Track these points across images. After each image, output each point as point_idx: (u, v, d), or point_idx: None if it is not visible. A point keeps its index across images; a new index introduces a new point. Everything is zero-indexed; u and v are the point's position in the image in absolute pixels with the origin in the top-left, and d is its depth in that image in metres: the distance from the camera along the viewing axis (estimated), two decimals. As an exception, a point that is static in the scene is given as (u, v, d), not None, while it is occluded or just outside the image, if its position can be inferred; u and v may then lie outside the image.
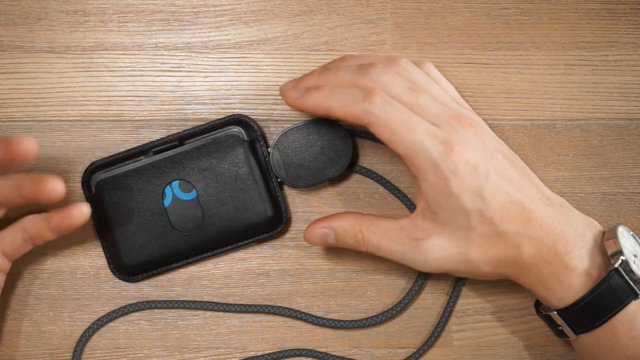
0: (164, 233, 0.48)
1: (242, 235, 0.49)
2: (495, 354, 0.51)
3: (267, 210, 0.49)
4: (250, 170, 0.48)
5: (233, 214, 0.48)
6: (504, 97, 0.52)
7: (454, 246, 0.44)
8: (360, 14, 0.52)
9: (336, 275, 0.51)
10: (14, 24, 0.50)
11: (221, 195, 0.48)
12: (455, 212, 0.43)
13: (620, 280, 0.43)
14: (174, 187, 0.48)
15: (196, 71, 0.51)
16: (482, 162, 0.43)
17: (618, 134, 0.52)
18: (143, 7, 0.51)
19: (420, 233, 0.45)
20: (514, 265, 0.44)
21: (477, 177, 0.43)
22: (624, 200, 0.52)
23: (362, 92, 0.43)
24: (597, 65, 0.52)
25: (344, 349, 0.51)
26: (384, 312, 0.50)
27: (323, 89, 0.44)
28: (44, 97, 0.50)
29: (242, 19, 0.51)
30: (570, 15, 0.52)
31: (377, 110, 0.43)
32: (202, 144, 0.49)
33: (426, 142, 0.42)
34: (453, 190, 0.43)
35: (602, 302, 0.43)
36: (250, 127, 0.49)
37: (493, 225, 0.43)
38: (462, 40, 0.52)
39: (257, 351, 0.50)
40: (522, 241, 0.44)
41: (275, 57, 0.51)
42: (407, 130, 0.43)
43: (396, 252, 0.45)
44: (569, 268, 0.43)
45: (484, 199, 0.43)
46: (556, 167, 0.52)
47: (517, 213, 0.43)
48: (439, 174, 0.43)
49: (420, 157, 0.43)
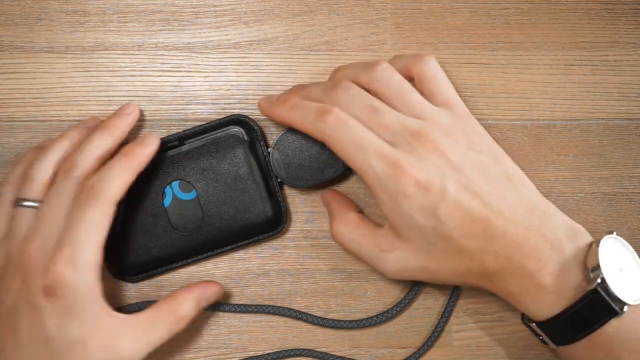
0: (164, 233, 0.48)
1: (242, 235, 0.49)
2: (495, 354, 0.51)
3: (267, 210, 0.49)
4: (250, 170, 0.48)
5: (233, 214, 0.48)
6: (504, 97, 0.52)
7: (415, 260, 0.44)
8: (360, 14, 0.52)
9: (336, 275, 0.51)
10: (14, 24, 0.50)
11: (221, 195, 0.48)
12: (411, 229, 0.44)
13: (598, 298, 0.41)
14: (174, 187, 0.48)
15: (196, 71, 0.51)
16: (437, 180, 0.43)
17: (618, 134, 0.52)
18: (143, 7, 0.51)
19: (386, 245, 0.45)
20: (481, 277, 0.44)
21: (429, 196, 0.42)
22: (624, 200, 0.52)
23: (317, 111, 0.44)
24: (597, 65, 0.52)
25: (344, 349, 0.51)
26: (384, 312, 0.50)
27: (288, 101, 0.46)
28: (44, 97, 0.50)
29: (242, 19, 0.51)
30: (570, 15, 0.52)
31: (329, 129, 0.44)
32: (202, 144, 0.49)
33: (374, 163, 0.43)
34: (404, 210, 0.43)
35: (578, 319, 0.42)
36: (250, 127, 0.49)
37: (452, 241, 0.43)
38: (462, 41, 0.52)
39: (257, 351, 0.50)
40: (485, 257, 0.43)
41: (275, 57, 0.51)
42: (357, 150, 0.43)
43: (364, 256, 0.46)
44: (540, 286, 0.42)
45: (439, 217, 0.42)
46: (556, 167, 0.52)
47: (479, 230, 0.43)
48: (389, 195, 0.43)
49: (369, 178, 0.43)
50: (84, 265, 0.41)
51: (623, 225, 0.52)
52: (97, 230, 0.42)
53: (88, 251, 0.41)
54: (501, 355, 0.51)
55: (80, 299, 0.41)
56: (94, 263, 0.42)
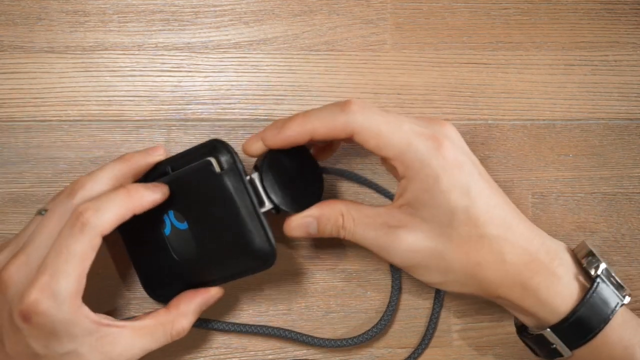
0: (170, 262, 0.46)
1: (235, 269, 0.45)
2: (495, 354, 0.51)
3: (256, 242, 0.43)
4: (230, 200, 0.43)
5: (222, 247, 0.44)
6: (504, 97, 0.52)
7: (429, 240, 0.43)
8: (360, 14, 0.52)
9: (336, 275, 0.51)
10: (14, 24, 0.50)
11: (209, 226, 0.44)
12: (439, 210, 0.42)
13: (606, 287, 0.42)
14: (171, 216, 0.45)
15: (196, 71, 0.51)
16: (467, 160, 0.43)
17: (618, 134, 0.52)
18: (143, 7, 0.51)
19: (396, 222, 0.43)
20: (496, 275, 0.43)
21: (464, 174, 0.42)
22: (624, 200, 0.52)
23: (337, 105, 0.42)
24: (597, 65, 0.52)
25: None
26: (372, 329, 0.49)
27: (297, 116, 0.43)
28: (44, 97, 0.50)
29: (242, 19, 0.51)
30: (570, 15, 0.52)
31: (359, 116, 0.42)
32: (179, 175, 0.45)
33: (414, 140, 0.42)
34: (442, 187, 0.41)
35: (594, 311, 0.42)
36: (226, 153, 0.44)
37: (477, 226, 0.42)
38: (462, 40, 0.52)
39: (257, 351, 0.50)
40: (504, 247, 0.42)
41: (275, 57, 0.51)
42: (393, 131, 0.42)
43: (368, 238, 0.44)
44: (556, 276, 0.42)
45: (471, 197, 0.42)
46: (556, 167, 0.52)
47: (499, 218, 0.42)
48: (429, 171, 0.41)
49: (410, 156, 0.42)
50: (61, 296, 0.39)
51: (623, 225, 0.52)
52: (79, 261, 0.40)
53: (67, 281, 0.39)
54: (501, 355, 0.51)
55: (61, 325, 0.40)
56: (73, 293, 0.40)
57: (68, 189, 0.43)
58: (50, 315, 0.39)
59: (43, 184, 0.50)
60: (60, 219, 0.41)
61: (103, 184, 0.43)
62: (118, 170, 0.44)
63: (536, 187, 0.52)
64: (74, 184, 0.43)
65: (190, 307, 0.45)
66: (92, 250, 0.40)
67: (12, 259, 0.41)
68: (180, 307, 0.44)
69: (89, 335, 0.41)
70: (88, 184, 0.43)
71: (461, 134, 0.44)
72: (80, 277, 0.40)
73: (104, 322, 0.41)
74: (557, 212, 0.52)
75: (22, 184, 0.50)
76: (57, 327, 0.40)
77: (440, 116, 0.51)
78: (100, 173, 0.43)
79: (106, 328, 0.41)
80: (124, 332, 0.42)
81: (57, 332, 0.40)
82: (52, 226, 0.41)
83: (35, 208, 0.47)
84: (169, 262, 0.46)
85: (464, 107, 0.52)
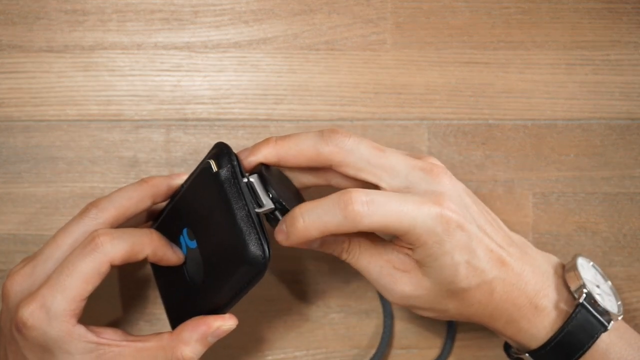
0: (185, 288, 0.43)
1: (235, 281, 0.42)
2: (495, 354, 0.51)
3: (249, 241, 0.41)
4: (224, 197, 0.41)
5: (221, 255, 0.42)
6: (504, 97, 0.52)
7: (429, 290, 0.43)
8: (360, 14, 0.51)
9: (336, 275, 0.51)
10: (13, 24, 0.50)
11: (210, 236, 0.42)
12: (442, 268, 0.42)
13: (587, 314, 0.42)
14: (185, 236, 0.43)
15: (196, 71, 0.51)
16: (462, 213, 0.42)
17: (619, 134, 0.52)
18: (142, 6, 0.51)
19: (400, 265, 0.43)
20: (484, 311, 0.43)
21: (465, 232, 0.42)
22: (626, 200, 0.52)
23: (338, 203, 0.40)
24: (598, 64, 0.52)
25: (344, 349, 0.51)
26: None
27: (301, 209, 0.41)
28: (43, 97, 0.50)
29: (242, 18, 0.51)
30: (571, 14, 0.52)
31: (365, 220, 0.40)
32: (188, 186, 0.44)
33: (419, 216, 0.40)
34: (445, 249, 0.41)
35: (572, 338, 0.42)
36: (226, 154, 0.42)
37: (476, 276, 0.42)
38: (462, 40, 0.52)
39: (257, 351, 0.50)
40: (497, 286, 0.43)
41: (275, 56, 0.51)
42: (398, 217, 0.40)
43: (372, 272, 0.44)
44: (539, 309, 0.43)
45: (471, 249, 0.42)
46: (557, 167, 0.52)
47: (496, 259, 0.43)
48: (435, 238, 0.41)
49: (417, 232, 0.41)
50: (52, 312, 0.39)
51: (624, 226, 0.52)
52: (81, 281, 0.39)
53: (63, 297, 0.39)
54: (502, 356, 0.51)
55: (52, 342, 0.39)
56: (67, 311, 0.39)
57: (84, 207, 0.43)
58: (40, 329, 0.39)
59: (42, 184, 0.50)
60: (70, 236, 0.42)
61: (117, 204, 0.43)
62: (134, 191, 0.44)
63: (537, 187, 0.52)
64: (90, 203, 0.43)
65: (193, 335, 0.42)
66: (98, 275, 0.40)
67: (19, 269, 0.42)
68: (183, 334, 0.42)
69: (88, 352, 0.40)
70: (102, 204, 0.43)
71: (462, 134, 0.44)
72: (78, 297, 0.40)
73: (103, 341, 0.41)
74: (558, 212, 0.52)
75: (21, 184, 0.50)
76: (48, 343, 0.40)
77: (441, 116, 0.51)
78: (116, 194, 0.43)
79: (106, 347, 0.41)
80: (125, 351, 0.41)
81: (49, 347, 0.40)
82: (61, 241, 0.42)
83: (34, 208, 0.47)
84: (184, 288, 0.43)
85: (465, 107, 0.52)
